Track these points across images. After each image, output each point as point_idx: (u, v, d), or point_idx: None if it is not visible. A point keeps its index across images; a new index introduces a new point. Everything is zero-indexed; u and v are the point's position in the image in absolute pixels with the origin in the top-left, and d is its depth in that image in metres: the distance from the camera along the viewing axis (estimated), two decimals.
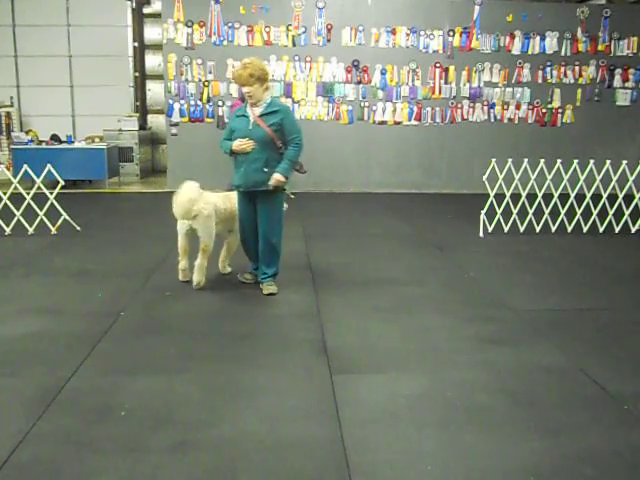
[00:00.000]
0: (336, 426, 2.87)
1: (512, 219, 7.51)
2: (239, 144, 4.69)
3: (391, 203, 10.12)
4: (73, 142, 11.28)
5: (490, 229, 7.43)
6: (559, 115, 11.80)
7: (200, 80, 11.16)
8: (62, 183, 7.26)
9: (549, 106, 11.76)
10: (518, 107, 11.70)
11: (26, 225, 7.07)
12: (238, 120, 4.82)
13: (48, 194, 7.18)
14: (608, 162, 7.54)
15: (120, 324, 4.21)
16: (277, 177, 4.69)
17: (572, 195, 7.47)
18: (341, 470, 2.53)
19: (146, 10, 13.61)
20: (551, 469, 2.56)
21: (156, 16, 13.00)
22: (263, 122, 4.68)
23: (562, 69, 11.64)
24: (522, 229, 7.51)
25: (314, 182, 10.96)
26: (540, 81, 11.65)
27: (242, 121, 4.78)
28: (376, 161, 11.72)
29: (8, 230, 7.05)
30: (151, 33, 13.64)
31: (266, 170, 4.70)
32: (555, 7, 11.78)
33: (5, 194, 7.16)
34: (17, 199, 7.19)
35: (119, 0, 13.07)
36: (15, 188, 7.17)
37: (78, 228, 7.32)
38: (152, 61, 13.73)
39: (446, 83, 11.53)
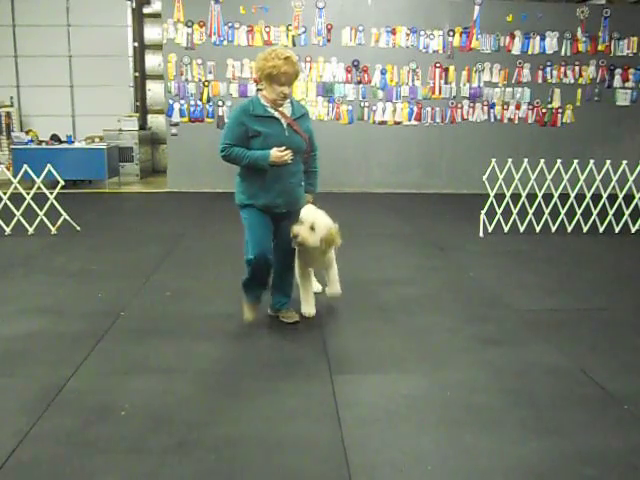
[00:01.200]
0: (336, 426, 2.86)
1: (512, 219, 7.50)
2: (281, 155, 3.75)
3: (391, 203, 10.11)
4: (73, 142, 11.28)
5: (490, 229, 7.43)
6: (559, 115, 11.79)
7: (200, 80, 11.16)
8: (62, 183, 7.26)
9: (549, 106, 11.75)
10: (518, 107, 11.68)
11: (26, 225, 7.07)
12: (264, 123, 3.77)
13: (48, 194, 7.18)
14: (608, 162, 7.54)
15: (120, 324, 4.21)
16: (311, 197, 4.23)
17: (572, 195, 7.47)
18: (341, 470, 2.52)
19: (146, 10, 13.61)
20: (551, 469, 2.56)
21: (156, 16, 13.01)
22: (299, 127, 3.89)
23: (562, 69, 11.63)
24: (522, 229, 7.50)
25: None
26: (540, 81, 11.64)
27: (272, 124, 3.79)
28: (376, 161, 11.72)
29: (8, 230, 7.05)
30: (151, 33, 13.64)
31: (302, 184, 4.08)
32: (555, 7, 11.78)
33: (5, 194, 7.16)
34: (17, 199, 7.19)
35: (119, 0, 13.08)
36: (15, 188, 7.17)
37: (78, 228, 7.32)
38: (152, 61, 13.73)
39: (446, 83, 11.52)
